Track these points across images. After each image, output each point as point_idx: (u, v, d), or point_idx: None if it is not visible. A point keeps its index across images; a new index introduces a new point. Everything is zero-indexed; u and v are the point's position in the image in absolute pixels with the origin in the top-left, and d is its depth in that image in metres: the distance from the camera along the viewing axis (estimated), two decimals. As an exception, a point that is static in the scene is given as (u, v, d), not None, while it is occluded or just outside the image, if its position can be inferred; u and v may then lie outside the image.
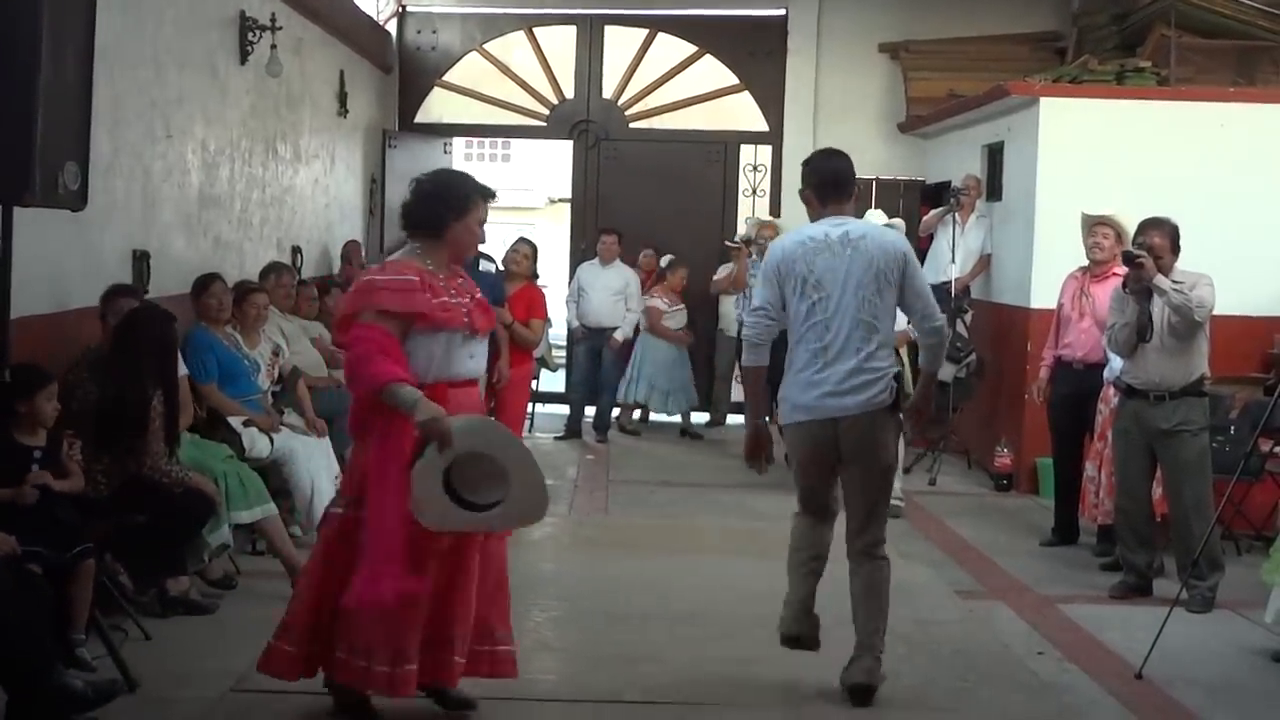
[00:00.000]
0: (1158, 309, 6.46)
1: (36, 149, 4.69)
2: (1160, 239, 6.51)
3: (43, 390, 5.02)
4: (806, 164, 5.30)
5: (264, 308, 7.39)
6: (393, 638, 4.41)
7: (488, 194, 4.75)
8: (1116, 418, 6.92)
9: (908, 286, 5.08)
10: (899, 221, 8.70)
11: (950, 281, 9.98)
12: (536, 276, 8.99)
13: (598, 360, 11.37)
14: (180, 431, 6.06)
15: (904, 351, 8.56)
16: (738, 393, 11.98)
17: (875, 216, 8.65)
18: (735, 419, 12.21)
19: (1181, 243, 6.58)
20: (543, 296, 8.92)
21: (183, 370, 6.50)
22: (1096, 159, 9.23)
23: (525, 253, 8.78)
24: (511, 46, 13.44)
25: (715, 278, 11.93)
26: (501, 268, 8.50)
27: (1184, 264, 6.57)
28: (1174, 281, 6.41)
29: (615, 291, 11.29)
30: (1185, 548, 6.49)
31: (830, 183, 5.20)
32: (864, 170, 12.19)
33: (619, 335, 11.26)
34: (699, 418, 12.54)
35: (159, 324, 5.82)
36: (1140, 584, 6.77)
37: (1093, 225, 7.62)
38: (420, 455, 4.32)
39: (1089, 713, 5.09)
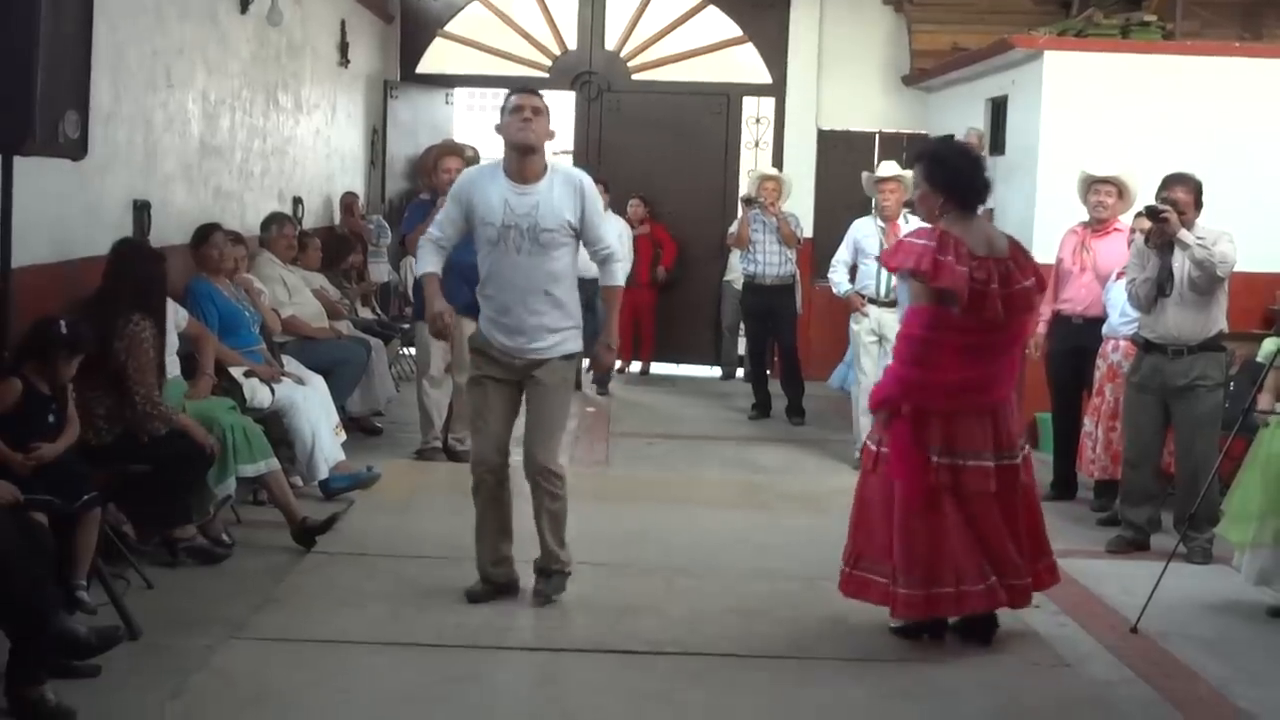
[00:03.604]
0: (1178, 263, 6.43)
1: (37, 98, 4.67)
2: (1184, 194, 6.47)
3: (72, 354, 5.02)
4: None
5: (240, 259, 7.45)
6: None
7: None
8: (1132, 372, 6.85)
9: None
10: (908, 173, 8.66)
11: (951, 235, 9.97)
12: None
13: (592, 312, 11.31)
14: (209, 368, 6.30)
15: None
16: (743, 346, 11.96)
17: (887, 167, 8.69)
18: (742, 371, 12.29)
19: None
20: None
21: (185, 314, 6.54)
22: (1100, 113, 9.18)
23: None
24: (514, -4, 13.37)
25: (730, 230, 11.87)
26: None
27: (1188, 219, 6.56)
28: (1197, 237, 6.39)
29: None
30: (1191, 501, 6.46)
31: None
32: (867, 123, 12.39)
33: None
34: (709, 373, 12.58)
35: (146, 259, 5.90)
36: (1138, 539, 6.79)
37: (1094, 183, 7.59)
38: None
39: (1084, 665, 5.12)
